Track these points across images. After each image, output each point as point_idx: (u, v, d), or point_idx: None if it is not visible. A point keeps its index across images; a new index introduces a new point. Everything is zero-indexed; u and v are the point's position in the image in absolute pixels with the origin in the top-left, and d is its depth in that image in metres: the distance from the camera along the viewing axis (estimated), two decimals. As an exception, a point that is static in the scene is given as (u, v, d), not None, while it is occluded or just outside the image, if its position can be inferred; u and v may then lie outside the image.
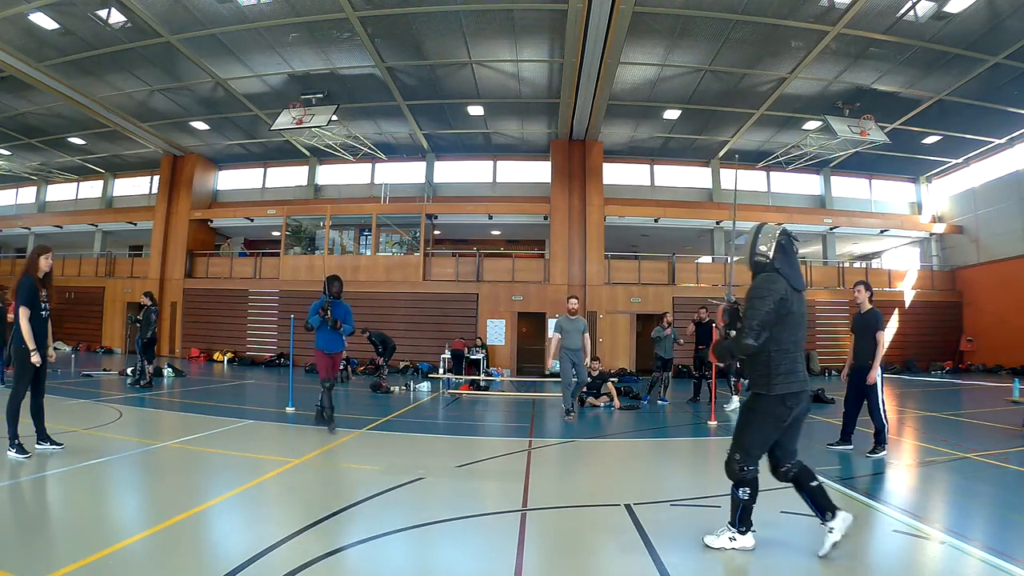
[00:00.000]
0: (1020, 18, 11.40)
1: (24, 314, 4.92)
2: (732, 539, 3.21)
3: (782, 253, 3.20)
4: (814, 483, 3.23)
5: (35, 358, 4.92)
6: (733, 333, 3.29)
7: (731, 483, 3.25)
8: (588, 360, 8.86)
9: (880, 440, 5.81)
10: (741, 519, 3.21)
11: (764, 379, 3.15)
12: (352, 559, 3.05)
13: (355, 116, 17.19)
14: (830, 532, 3.16)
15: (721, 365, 3.45)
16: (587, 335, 8.70)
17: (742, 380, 12.59)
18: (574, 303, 8.92)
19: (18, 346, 4.95)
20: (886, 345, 6.10)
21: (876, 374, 5.87)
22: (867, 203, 21.17)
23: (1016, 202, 17.97)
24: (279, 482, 4.59)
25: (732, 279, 3.68)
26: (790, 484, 3.30)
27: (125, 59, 13.98)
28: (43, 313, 5.09)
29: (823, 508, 3.21)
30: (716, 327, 9.49)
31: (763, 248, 3.23)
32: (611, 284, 17.90)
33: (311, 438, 6.59)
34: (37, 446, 5.07)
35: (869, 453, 5.78)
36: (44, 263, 5.12)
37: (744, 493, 3.19)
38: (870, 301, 6.19)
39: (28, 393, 5.05)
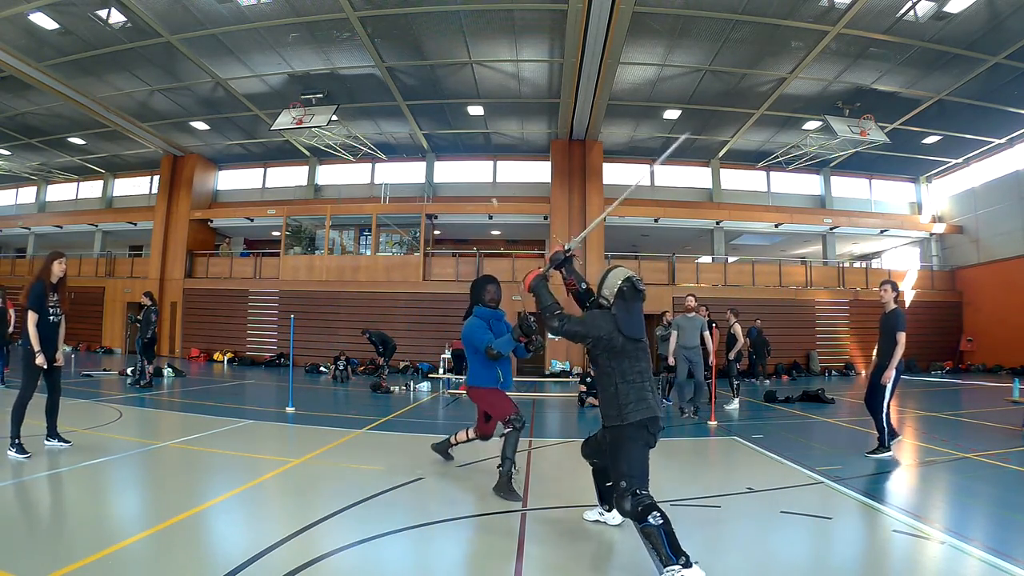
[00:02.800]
0: (1020, 18, 11.40)
1: (32, 319, 5.04)
2: (684, 566, 2.70)
3: (621, 299, 3.27)
4: (609, 483, 3.46)
5: (39, 359, 5.01)
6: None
7: (636, 522, 2.91)
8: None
9: (882, 441, 5.79)
10: (673, 550, 2.75)
11: (616, 411, 3.20)
12: (352, 559, 3.05)
13: (355, 116, 17.19)
14: (600, 515, 3.71)
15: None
16: (708, 333, 8.55)
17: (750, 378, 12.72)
18: (692, 300, 8.70)
19: (25, 348, 5.08)
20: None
21: (891, 375, 5.78)
22: (867, 203, 21.17)
23: (1016, 202, 17.97)
24: (279, 482, 4.58)
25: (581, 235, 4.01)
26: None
27: (125, 59, 13.98)
28: (51, 318, 5.19)
29: (604, 501, 3.68)
30: (715, 326, 9.52)
31: (606, 293, 3.34)
32: (611, 284, 17.87)
33: (311, 438, 6.59)
34: (46, 442, 5.21)
35: (868, 453, 5.77)
36: (58, 268, 5.26)
37: (656, 518, 2.82)
38: (895, 301, 6.07)
39: (46, 392, 5.18)
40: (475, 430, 5.15)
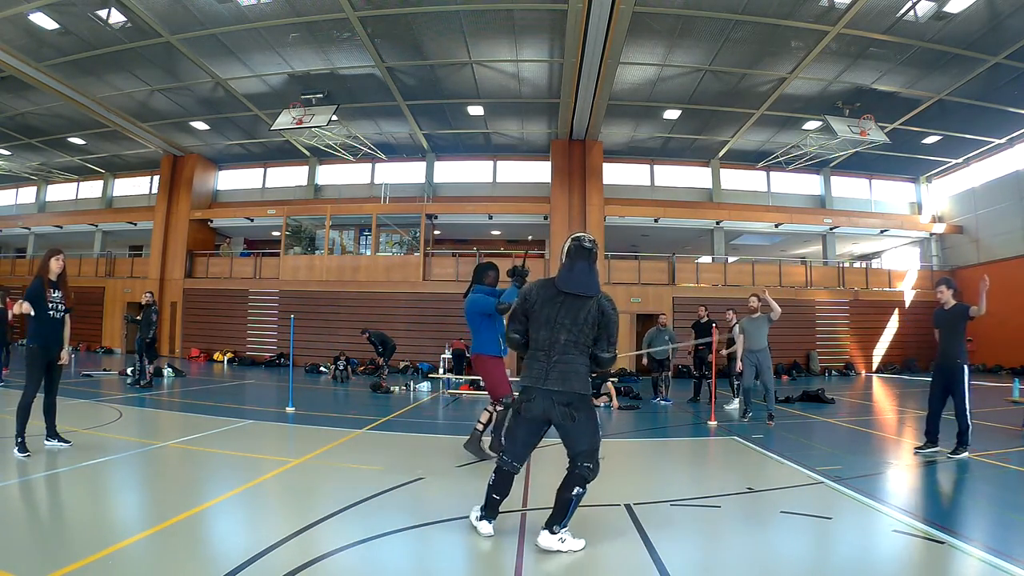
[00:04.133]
0: (1020, 18, 11.40)
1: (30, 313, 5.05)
2: (478, 518, 3.37)
3: (567, 258, 3.30)
4: (565, 493, 3.19)
5: (26, 306, 5.02)
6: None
7: None
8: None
9: (963, 441, 5.71)
10: (485, 504, 3.37)
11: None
12: (352, 559, 3.05)
13: (355, 116, 17.19)
14: (560, 541, 3.15)
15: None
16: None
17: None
18: (755, 301, 8.47)
19: (27, 346, 5.09)
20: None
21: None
22: (867, 203, 21.17)
23: (1016, 202, 17.97)
24: (279, 482, 4.58)
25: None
26: None
27: (125, 59, 13.98)
28: (50, 313, 5.19)
29: (560, 516, 3.18)
30: (715, 326, 9.54)
31: (562, 257, 3.37)
32: (611, 284, 17.89)
33: (311, 438, 6.59)
34: (46, 442, 5.19)
35: (950, 454, 5.68)
36: (55, 265, 5.25)
37: (490, 477, 3.35)
38: (954, 297, 6.12)
39: (43, 391, 5.17)
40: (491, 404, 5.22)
